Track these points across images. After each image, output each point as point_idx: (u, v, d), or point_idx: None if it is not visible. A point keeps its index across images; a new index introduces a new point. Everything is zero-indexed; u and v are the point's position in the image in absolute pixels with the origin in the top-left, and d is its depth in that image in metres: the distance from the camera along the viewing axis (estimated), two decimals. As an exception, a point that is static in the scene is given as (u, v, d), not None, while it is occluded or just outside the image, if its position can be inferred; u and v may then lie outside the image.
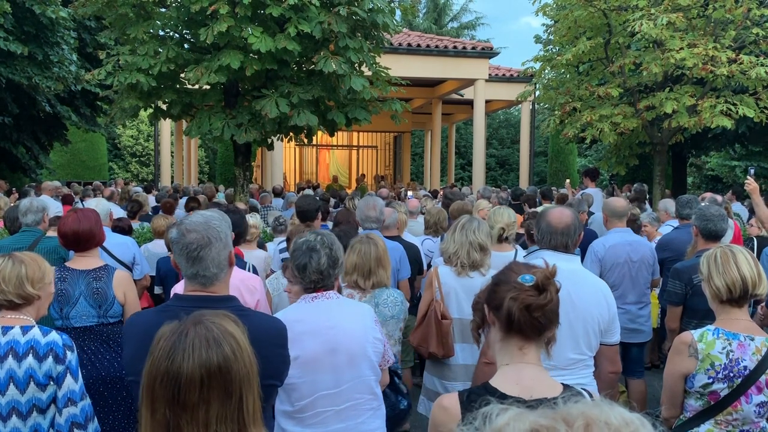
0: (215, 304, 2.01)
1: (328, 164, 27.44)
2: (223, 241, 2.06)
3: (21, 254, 2.61)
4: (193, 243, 2.01)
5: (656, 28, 10.29)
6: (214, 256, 2.03)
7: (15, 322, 2.50)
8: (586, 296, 2.89)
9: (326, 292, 2.70)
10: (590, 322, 2.87)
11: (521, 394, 1.70)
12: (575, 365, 2.85)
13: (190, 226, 2.04)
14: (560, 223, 3.00)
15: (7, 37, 12.60)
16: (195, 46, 9.67)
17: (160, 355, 1.37)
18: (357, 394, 2.66)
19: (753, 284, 2.57)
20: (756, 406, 2.51)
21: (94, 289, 3.56)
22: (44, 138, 17.56)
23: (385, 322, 3.58)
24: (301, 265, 2.66)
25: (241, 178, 10.30)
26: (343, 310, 2.69)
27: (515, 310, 1.72)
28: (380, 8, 9.12)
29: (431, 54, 17.37)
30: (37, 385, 2.42)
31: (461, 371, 3.84)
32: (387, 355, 2.81)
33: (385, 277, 3.58)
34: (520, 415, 0.89)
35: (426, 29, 34.63)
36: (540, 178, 29.81)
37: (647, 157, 16.40)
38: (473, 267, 3.88)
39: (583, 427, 0.84)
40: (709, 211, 4.21)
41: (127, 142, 33.51)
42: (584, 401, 0.91)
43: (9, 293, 2.50)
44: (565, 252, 3.00)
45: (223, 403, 1.34)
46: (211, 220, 2.07)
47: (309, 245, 2.67)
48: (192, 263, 2.02)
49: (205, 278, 2.04)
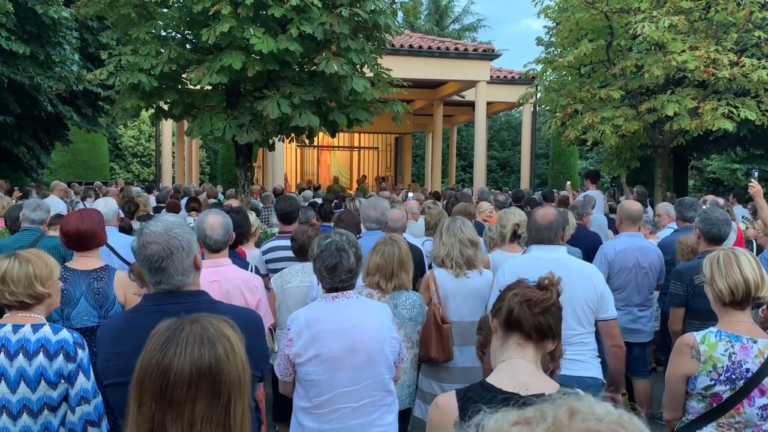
0: (183, 299, 2.01)
1: (329, 165, 27.44)
2: (186, 250, 2.03)
3: (26, 253, 2.59)
4: (155, 255, 1.99)
5: (658, 30, 10.29)
6: (177, 266, 2.01)
7: (25, 320, 2.49)
8: (569, 279, 2.97)
9: (346, 292, 2.74)
10: (575, 301, 3.21)
11: (517, 390, 1.70)
12: (569, 340, 3.09)
13: (150, 237, 2.01)
14: (544, 221, 3.43)
15: (9, 36, 12.60)
16: (197, 47, 9.67)
17: (153, 347, 1.36)
18: (373, 391, 2.72)
19: (756, 287, 2.57)
20: (759, 409, 2.50)
21: (95, 290, 3.55)
22: (45, 138, 17.55)
23: (402, 324, 3.57)
24: (331, 266, 2.69)
25: (242, 179, 10.29)
26: (363, 310, 2.74)
27: (515, 304, 1.78)
28: (382, 10, 9.12)
29: (433, 56, 17.38)
30: (48, 383, 2.41)
31: (460, 374, 3.83)
32: (402, 353, 2.88)
33: (407, 279, 3.58)
34: (507, 410, 0.92)
35: (428, 31, 34.64)
36: (541, 180, 29.80)
37: (648, 160, 16.39)
38: (469, 265, 3.88)
39: (567, 414, 0.86)
40: (714, 214, 4.20)
41: (129, 142, 33.53)
42: (577, 397, 0.92)
43: (20, 294, 2.49)
44: (553, 244, 3.42)
45: (210, 403, 1.33)
46: (172, 228, 2.03)
47: (337, 245, 2.71)
48: (155, 273, 2.01)
49: (169, 285, 2.02)
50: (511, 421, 0.89)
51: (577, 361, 3.26)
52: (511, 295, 1.81)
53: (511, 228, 4.61)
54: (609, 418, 0.86)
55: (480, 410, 0.97)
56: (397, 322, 3.52)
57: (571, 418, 0.86)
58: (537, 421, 0.87)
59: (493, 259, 4.61)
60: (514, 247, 4.68)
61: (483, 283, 3.93)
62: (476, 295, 3.88)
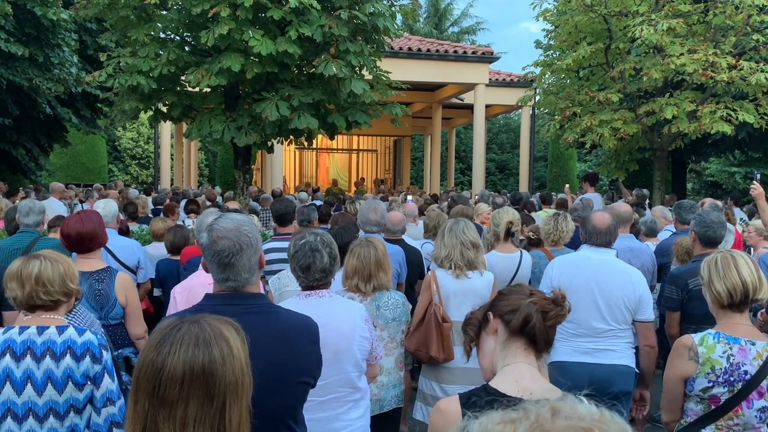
0: (244, 301, 2.03)
1: (327, 167, 27.43)
2: (254, 247, 2.05)
3: (48, 253, 2.59)
4: (225, 250, 1.99)
5: (656, 33, 10.31)
6: (245, 263, 2.02)
7: (50, 322, 2.48)
8: (611, 280, 3.60)
9: (320, 291, 2.81)
10: (613, 300, 3.55)
11: (521, 394, 1.70)
12: (605, 334, 3.55)
13: (221, 232, 2.01)
14: (602, 225, 3.73)
15: (8, 38, 12.61)
16: (196, 49, 9.68)
17: (150, 345, 1.37)
18: (339, 387, 2.79)
19: (754, 289, 2.57)
20: (757, 411, 2.51)
21: (97, 291, 3.55)
22: (44, 140, 17.55)
23: (386, 325, 3.57)
24: (305, 266, 2.76)
25: (241, 181, 10.30)
26: (333, 309, 2.79)
27: (533, 313, 1.80)
28: (381, 12, 9.13)
29: (432, 58, 17.40)
30: (75, 384, 2.40)
31: (461, 374, 3.83)
32: (375, 352, 2.93)
33: (386, 279, 3.58)
34: (491, 412, 0.93)
35: (426, 34, 34.69)
36: (540, 183, 29.81)
37: (647, 163, 16.42)
38: (469, 266, 3.88)
39: (550, 412, 0.88)
40: (708, 217, 4.19)
41: (127, 144, 33.52)
42: (561, 397, 0.94)
43: (55, 293, 2.49)
44: (606, 247, 3.73)
45: (202, 405, 1.32)
46: (242, 225, 2.04)
47: (311, 246, 2.77)
48: (223, 269, 2.01)
49: (236, 282, 2.03)
50: (496, 421, 0.90)
51: (612, 351, 3.58)
52: (530, 303, 1.82)
53: (505, 226, 4.60)
54: (591, 417, 0.88)
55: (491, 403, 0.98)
56: (380, 323, 3.53)
57: (554, 417, 0.87)
58: (521, 419, 0.88)
59: (489, 260, 4.60)
60: (508, 246, 4.67)
61: (484, 283, 3.93)
62: (477, 295, 3.88)
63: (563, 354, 3.56)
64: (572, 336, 3.58)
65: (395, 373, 3.65)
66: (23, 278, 2.46)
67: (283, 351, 2.02)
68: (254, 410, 1.42)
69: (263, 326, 1.98)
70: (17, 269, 2.48)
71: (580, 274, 3.64)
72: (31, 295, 2.46)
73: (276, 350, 1.98)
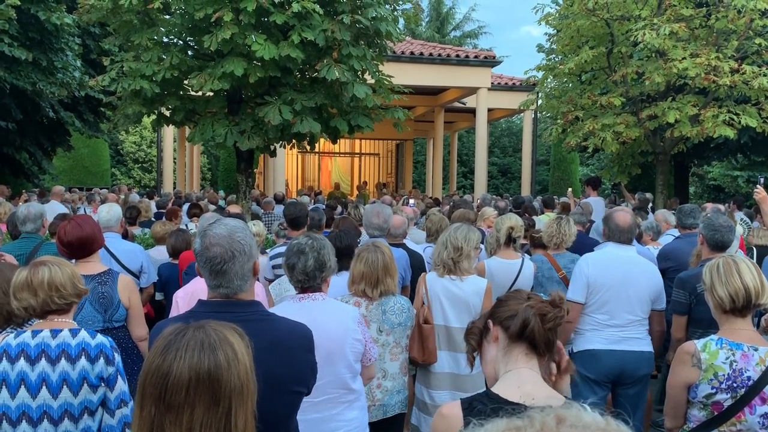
0: (238, 309, 2.02)
1: (330, 171, 27.47)
2: (248, 254, 2.03)
3: (50, 259, 2.60)
4: (217, 257, 1.98)
5: (659, 37, 10.31)
6: (237, 270, 2.01)
7: (62, 325, 2.50)
8: (638, 275, 4.00)
9: (313, 294, 2.82)
10: (642, 293, 3.96)
11: (523, 400, 1.70)
12: (632, 324, 3.94)
13: (214, 239, 2.00)
14: (625, 224, 4.07)
15: (12, 42, 12.64)
16: (199, 53, 9.69)
17: (155, 351, 1.38)
18: (332, 389, 2.81)
19: (756, 294, 2.56)
20: (760, 417, 2.50)
21: (100, 294, 3.56)
22: (47, 144, 17.59)
23: (392, 330, 3.56)
24: (290, 265, 2.81)
25: (244, 185, 10.30)
26: (325, 312, 2.79)
27: (530, 316, 1.79)
28: (383, 17, 9.14)
29: (434, 62, 17.41)
30: (90, 386, 2.42)
31: (446, 379, 3.82)
32: (369, 354, 2.95)
33: (393, 285, 3.57)
34: (496, 420, 0.93)
35: (429, 38, 34.73)
36: (542, 187, 29.80)
37: (649, 167, 16.40)
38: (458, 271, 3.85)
39: (555, 420, 0.88)
40: (717, 221, 4.17)
41: (130, 148, 33.58)
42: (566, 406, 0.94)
43: (69, 296, 2.51)
44: (627, 244, 4.09)
45: (208, 410, 1.33)
46: (235, 231, 2.03)
47: (299, 248, 2.81)
48: (215, 276, 2.01)
49: (228, 289, 2.02)
50: (501, 429, 0.90)
51: (638, 339, 3.97)
52: (527, 307, 1.81)
53: (506, 232, 4.59)
54: (596, 426, 0.87)
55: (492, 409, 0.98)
56: (386, 328, 3.53)
57: (559, 425, 0.87)
58: (526, 427, 0.88)
59: (489, 266, 4.59)
60: (509, 252, 4.65)
61: (473, 289, 3.89)
62: (462, 301, 3.87)
63: (596, 343, 3.96)
64: (605, 327, 3.97)
65: (400, 378, 3.64)
66: (35, 286, 2.45)
67: (278, 359, 2.01)
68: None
69: (256, 334, 1.98)
70: (26, 278, 2.47)
71: (611, 271, 3.99)
72: (46, 301, 2.46)
73: (270, 359, 1.95)
